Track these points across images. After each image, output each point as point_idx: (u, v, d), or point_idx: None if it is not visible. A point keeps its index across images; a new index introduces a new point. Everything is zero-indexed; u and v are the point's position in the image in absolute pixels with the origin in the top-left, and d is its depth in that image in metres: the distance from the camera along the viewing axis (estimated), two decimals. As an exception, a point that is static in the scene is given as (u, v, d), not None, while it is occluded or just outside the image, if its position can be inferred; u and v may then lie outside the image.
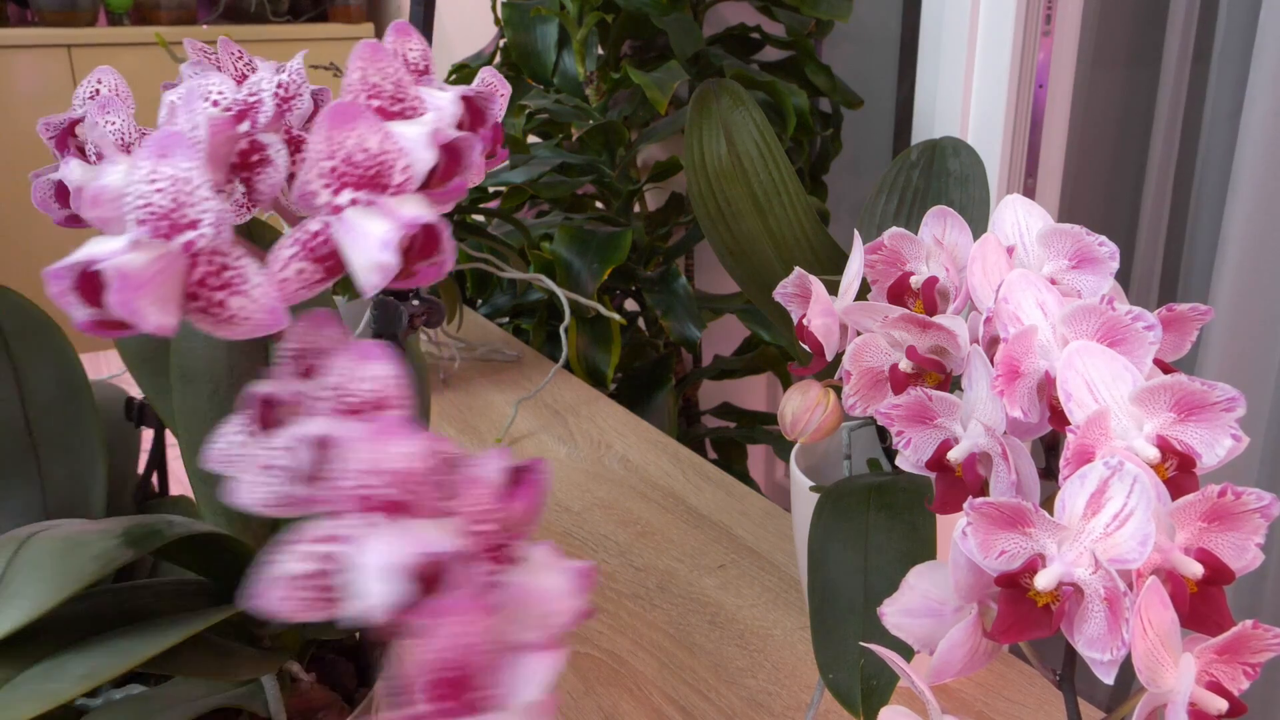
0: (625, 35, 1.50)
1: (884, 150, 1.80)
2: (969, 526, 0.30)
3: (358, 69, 0.28)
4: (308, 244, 0.26)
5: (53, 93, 2.16)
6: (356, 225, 0.26)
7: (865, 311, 0.43)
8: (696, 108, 0.67)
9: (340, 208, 0.26)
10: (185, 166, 0.24)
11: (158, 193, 0.24)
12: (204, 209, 0.24)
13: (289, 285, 0.26)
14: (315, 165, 0.26)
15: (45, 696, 0.29)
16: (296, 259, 0.26)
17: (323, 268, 0.26)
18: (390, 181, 0.26)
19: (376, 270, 0.25)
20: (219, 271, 0.25)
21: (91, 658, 0.31)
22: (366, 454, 0.23)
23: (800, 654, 0.66)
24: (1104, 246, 0.38)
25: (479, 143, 0.29)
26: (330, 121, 0.26)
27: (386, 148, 0.26)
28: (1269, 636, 0.29)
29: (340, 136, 0.26)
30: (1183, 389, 0.31)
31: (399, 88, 0.28)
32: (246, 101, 0.28)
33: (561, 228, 1.31)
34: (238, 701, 0.39)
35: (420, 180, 0.27)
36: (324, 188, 0.26)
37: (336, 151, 0.26)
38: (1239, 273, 1.12)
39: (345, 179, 0.26)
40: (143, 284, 0.23)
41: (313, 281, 0.27)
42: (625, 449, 0.94)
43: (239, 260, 0.25)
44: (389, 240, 0.25)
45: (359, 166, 0.26)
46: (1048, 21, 1.25)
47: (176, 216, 0.24)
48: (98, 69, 0.42)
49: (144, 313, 0.23)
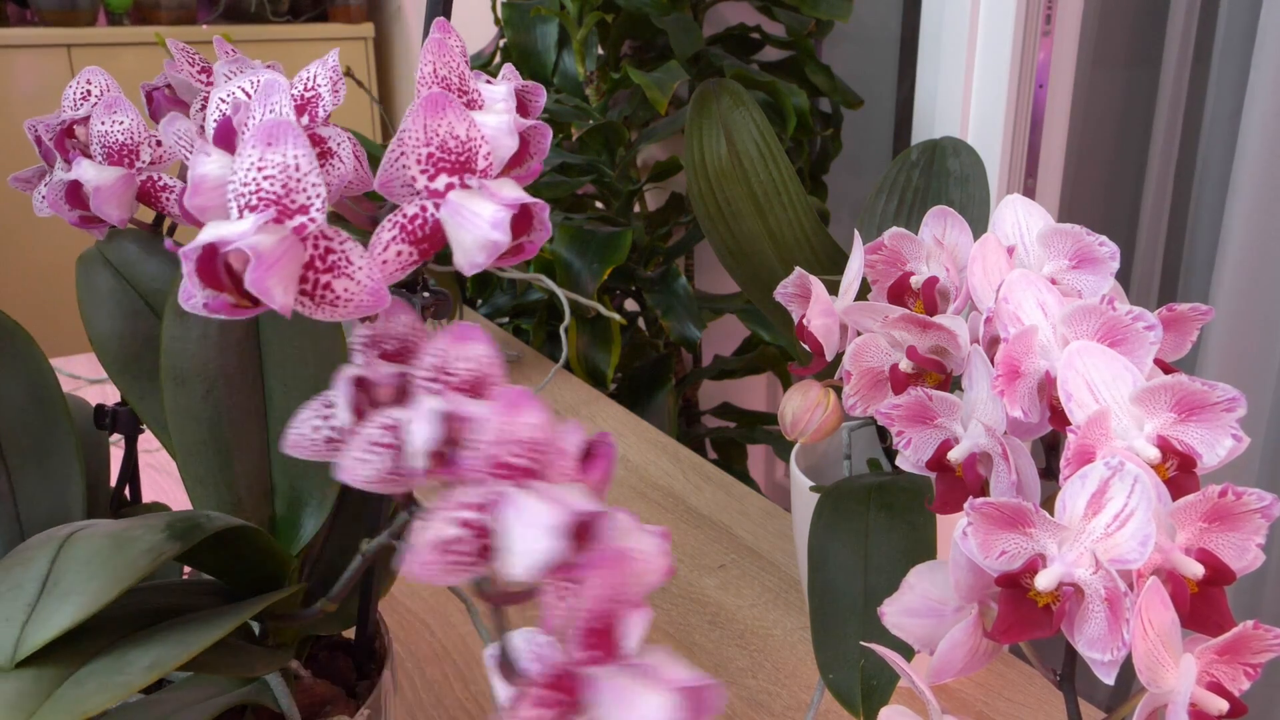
0: (625, 35, 1.50)
1: (884, 150, 1.80)
2: (969, 526, 0.30)
3: (429, 63, 0.29)
4: (406, 227, 0.28)
5: (52, 93, 2.16)
6: (465, 207, 0.27)
7: (865, 311, 0.43)
8: (696, 108, 0.67)
9: (439, 192, 0.27)
10: (294, 153, 0.25)
11: (267, 180, 0.25)
12: (314, 194, 0.26)
13: (389, 267, 0.27)
14: (414, 152, 0.27)
15: (116, 688, 0.30)
16: (396, 241, 0.28)
17: (418, 249, 0.28)
18: (476, 167, 0.28)
19: (486, 248, 0.27)
20: (325, 254, 0.26)
21: (152, 650, 0.32)
22: (500, 425, 0.25)
23: (800, 654, 0.66)
24: (1104, 246, 0.38)
25: (549, 130, 0.31)
26: (425, 110, 0.27)
27: (474, 135, 0.28)
28: (1269, 637, 0.29)
29: (435, 124, 0.27)
30: (1183, 389, 0.31)
31: (463, 80, 0.30)
32: (304, 96, 0.29)
33: (561, 228, 1.31)
34: (248, 699, 0.39)
35: (501, 166, 0.29)
36: (421, 173, 0.27)
37: (432, 139, 0.27)
38: (1239, 273, 1.12)
39: (441, 164, 0.27)
40: (273, 263, 0.24)
41: (410, 263, 0.28)
42: (625, 449, 0.94)
43: (344, 244, 0.26)
44: (500, 220, 0.27)
45: (451, 153, 0.27)
46: (1048, 21, 1.25)
47: (288, 201, 0.25)
48: (85, 69, 0.42)
49: (273, 292, 0.24)
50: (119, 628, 0.33)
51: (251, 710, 0.41)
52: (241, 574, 0.39)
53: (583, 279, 1.25)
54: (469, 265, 0.27)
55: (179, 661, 0.31)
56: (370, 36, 2.55)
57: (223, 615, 0.35)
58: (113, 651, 0.32)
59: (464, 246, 0.27)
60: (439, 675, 0.64)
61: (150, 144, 0.41)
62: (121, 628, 0.33)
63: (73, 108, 0.42)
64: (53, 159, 0.42)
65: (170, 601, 0.36)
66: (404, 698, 0.62)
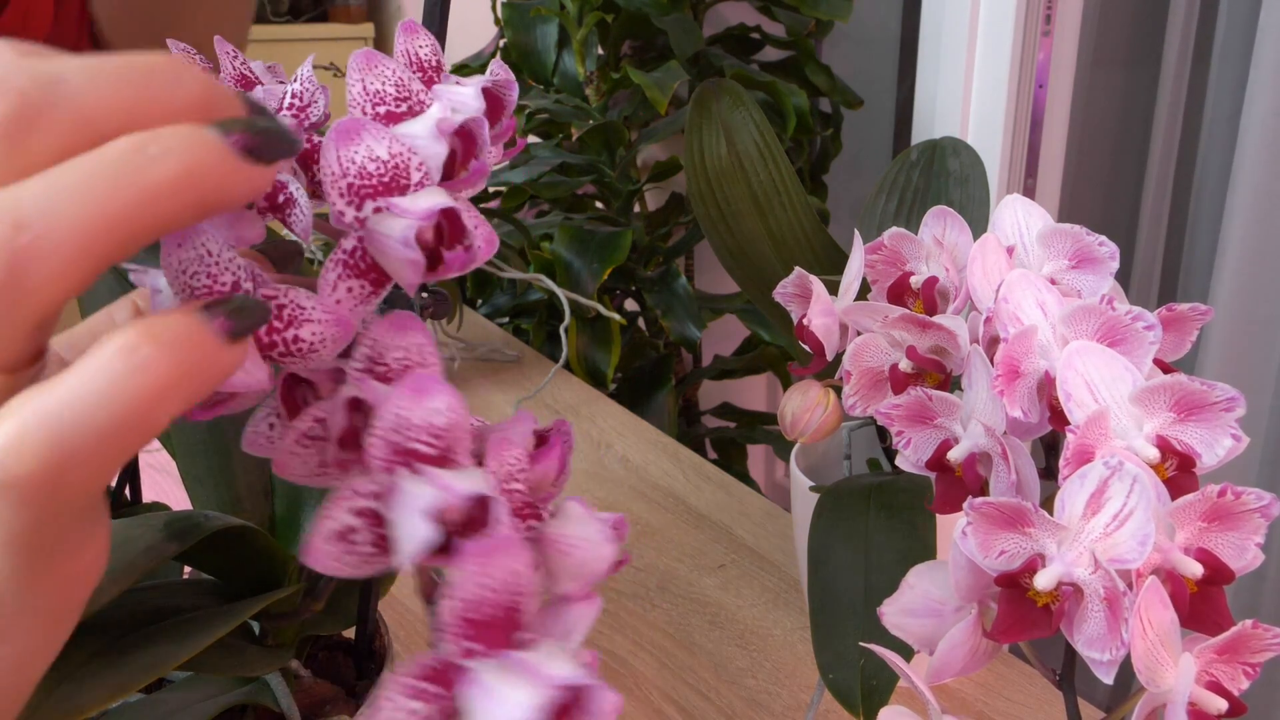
0: (625, 35, 1.50)
1: (884, 150, 1.80)
2: (969, 526, 0.30)
3: (357, 81, 0.28)
4: (347, 262, 0.27)
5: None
6: (378, 231, 0.26)
7: (865, 311, 0.43)
8: (696, 108, 0.67)
9: (365, 220, 0.27)
10: (200, 244, 0.25)
11: (192, 278, 0.25)
12: (234, 269, 0.25)
13: (344, 305, 0.27)
14: (334, 187, 0.26)
15: (114, 687, 0.30)
16: (343, 279, 0.27)
17: (368, 280, 0.27)
18: (410, 181, 0.27)
19: (409, 267, 0.26)
20: (277, 313, 0.26)
21: (151, 649, 0.32)
22: (397, 410, 0.24)
23: (800, 654, 0.66)
24: (1104, 246, 0.38)
25: (485, 122, 0.30)
26: (336, 142, 0.26)
27: (396, 150, 0.27)
28: (1269, 636, 0.29)
29: (349, 153, 0.26)
30: (1182, 389, 0.31)
31: (400, 87, 0.29)
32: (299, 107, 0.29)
33: (561, 228, 1.31)
34: (248, 699, 0.39)
35: (439, 173, 0.28)
36: (347, 205, 0.26)
37: (349, 169, 0.26)
38: (1239, 273, 1.12)
39: (364, 191, 0.26)
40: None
41: (365, 296, 0.27)
42: (625, 449, 0.94)
43: (287, 295, 0.26)
44: (407, 236, 0.26)
45: (374, 176, 0.26)
46: (1048, 21, 1.25)
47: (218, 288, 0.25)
48: None
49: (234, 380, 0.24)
50: (118, 627, 0.33)
51: (251, 710, 0.41)
52: (241, 573, 0.39)
53: (583, 279, 1.25)
54: (405, 286, 0.26)
55: (178, 661, 0.31)
56: (370, 37, 2.55)
57: (222, 615, 0.35)
58: (112, 651, 0.32)
59: (392, 271, 0.26)
60: (439, 675, 0.64)
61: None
62: (120, 627, 0.33)
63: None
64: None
65: (169, 601, 0.36)
66: (404, 698, 0.62)
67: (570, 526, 0.27)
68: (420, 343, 0.27)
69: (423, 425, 0.24)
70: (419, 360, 0.27)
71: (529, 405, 1.04)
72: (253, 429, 0.29)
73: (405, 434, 0.24)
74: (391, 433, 0.24)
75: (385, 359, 0.27)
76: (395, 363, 0.27)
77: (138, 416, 0.20)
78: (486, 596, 0.23)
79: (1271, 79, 1.06)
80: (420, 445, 0.24)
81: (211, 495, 0.41)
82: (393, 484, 0.24)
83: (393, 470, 0.24)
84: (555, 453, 0.28)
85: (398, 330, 0.27)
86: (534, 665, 0.22)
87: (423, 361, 0.27)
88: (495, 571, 0.23)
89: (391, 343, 0.27)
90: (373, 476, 0.25)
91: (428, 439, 0.24)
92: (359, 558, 0.24)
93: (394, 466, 0.24)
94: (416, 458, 0.24)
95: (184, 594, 0.38)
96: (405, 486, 0.24)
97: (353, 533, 0.24)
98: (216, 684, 0.40)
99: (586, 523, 0.27)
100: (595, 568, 0.26)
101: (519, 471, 0.27)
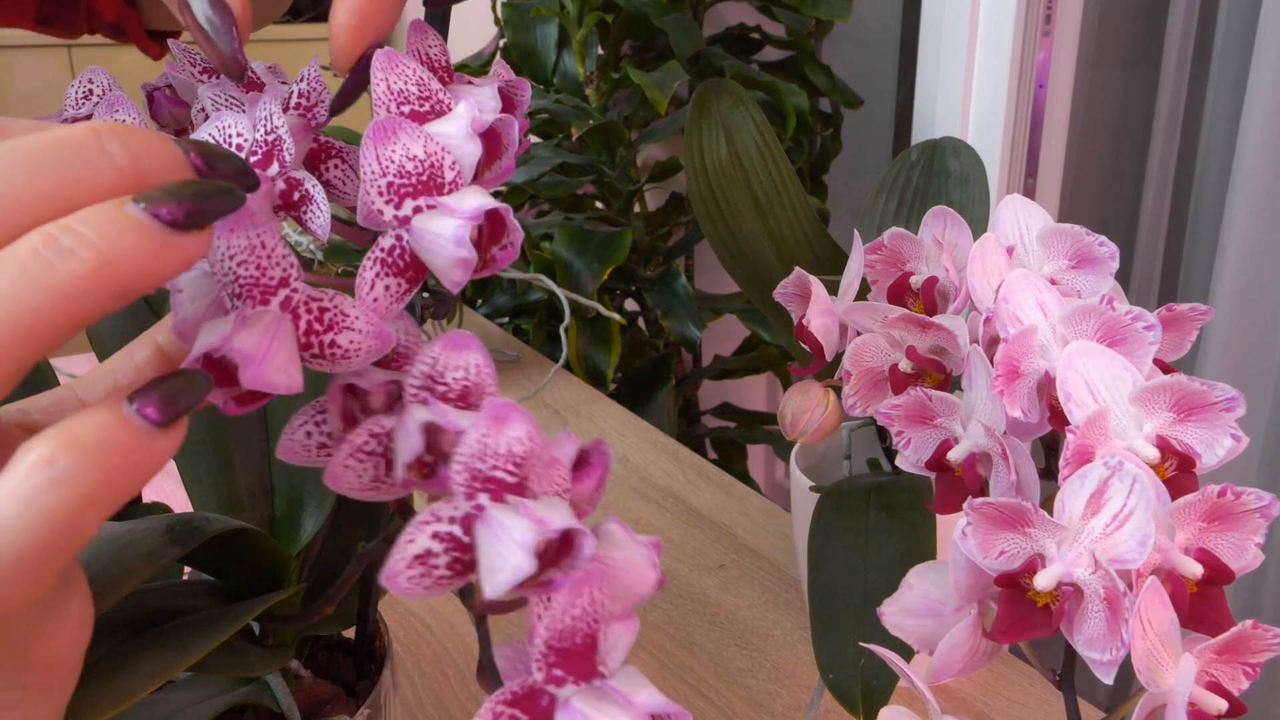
0: (625, 35, 1.50)
1: (884, 150, 1.80)
2: (969, 526, 0.30)
3: (381, 80, 0.29)
4: (385, 260, 0.27)
5: (53, 93, 2.16)
6: (428, 231, 0.27)
7: (865, 311, 0.43)
8: (696, 108, 0.67)
9: (408, 219, 0.27)
10: (256, 234, 0.25)
11: (240, 266, 0.25)
12: (286, 265, 0.25)
13: (381, 304, 0.27)
14: (373, 185, 0.27)
15: (118, 695, 0.30)
16: (380, 277, 0.27)
17: (405, 279, 0.27)
18: (444, 180, 0.27)
19: (459, 266, 0.26)
20: (320, 315, 0.26)
21: (153, 656, 0.32)
22: (481, 438, 0.25)
23: (800, 654, 0.66)
24: (1104, 246, 0.38)
25: (514, 122, 0.30)
26: (375, 141, 0.27)
27: (431, 150, 0.27)
28: (1269, 636, 0.29)
29: (387, 152, 0.27)
30: (1182, 389, 0.31)
31: (422, 87, 0.29)
32: (268, 141, 0.29)
33: (561, 228, 1.31)
34: (249, 699, 0.39)
35: (472, 172, 0.28)
36: (386, 204, 0.27)
37: (388, 167, 0.27)
38: (1239, 273, 1.12)
39: (403, 190, 0.27)
40: (263, 357, 0.24)
41: (400, 294, 0.28)
42: (625, 449, 0.94)
43: (334, 301, 0.26)
44: (461, 235, 0.26)
45: (412, 175, 0.27)
46: (1048, 21, 1.25)
47: (266, 281, 0.25)
48: (88, 69, 0.42)
49: (274, 380, 0.24)
50: (119, 632, 0.33)
51: (251, 710, 0.41)
52: (242, 575, 0.39)
53: (583, 279, 1.25)
54: (451, 285, 0.27)
55: (181, 668, 0.31)
56: (370, 37, 2.55)
57: (223, 618, 0.35)
58: (114, 657, 0.31)
59: (439, 269, 0.27)
60: (439, 675, 0.64)
61: (150, 144, 0.41)
62: (122, 632, 0.33)
63: (74, 106, 0.42)
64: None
65: (171, 603, 0.36)
66: (404, 698, 0.62)
67: (614, 549, 0.27)
68: (479, 362, 0.27)
69: (505, 454, 0.25)
70: (477, 380, 0.27)
71: (529, 405, 1.04)
72: (289, 436, 0.29)
73: (488, 461, 0.25)
74: (475, 460, 0.25)
75: (445, 378, 0.27)
76: (455, 382, 0.27)
77: (61, 532, 0.19)
78: (575, 626, 0.24)
79: (1271, 79, 1.06)
80: (502, 473, 0.25)
81: (212, 496, 0.41)
82: (479, 511, 0.25)
83: (474, 496, 0.25)
84: (596, 473, 0.29)
85: (457, 349, 0.27)
86: (625, 694, 0.23)
87: (482, 382, 0.27)
88: (583, 602, 0.24)
89: (451, 362, 0.27)
90: (453, 502, 0.25)
91: (510, 467, 0.25)
92: (436, 580, 0.25)
93: (475, 493, 0.25)
94: (499, 485, 0.25)
95: (185, 596, 0.37)
96: (499, 517, 0.24)
97: (433, 556, 0.24)
98: (217, 684, 0.40)
99: (629, 546, 0.27)
100: (639, 591, 0.27)
101: (564, 491, 0.27)
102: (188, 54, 0.37)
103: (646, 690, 0.24)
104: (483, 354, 0.27)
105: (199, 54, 0.33)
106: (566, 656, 0.24)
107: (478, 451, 0.25)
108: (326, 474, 0.27)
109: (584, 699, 0.23)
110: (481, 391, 0.27)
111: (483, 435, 0.25)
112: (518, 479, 0.25)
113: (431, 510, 0.25)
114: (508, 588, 0.23)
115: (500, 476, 0.25)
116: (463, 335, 0.27)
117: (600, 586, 0.24)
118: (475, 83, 0.31)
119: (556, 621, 0.24)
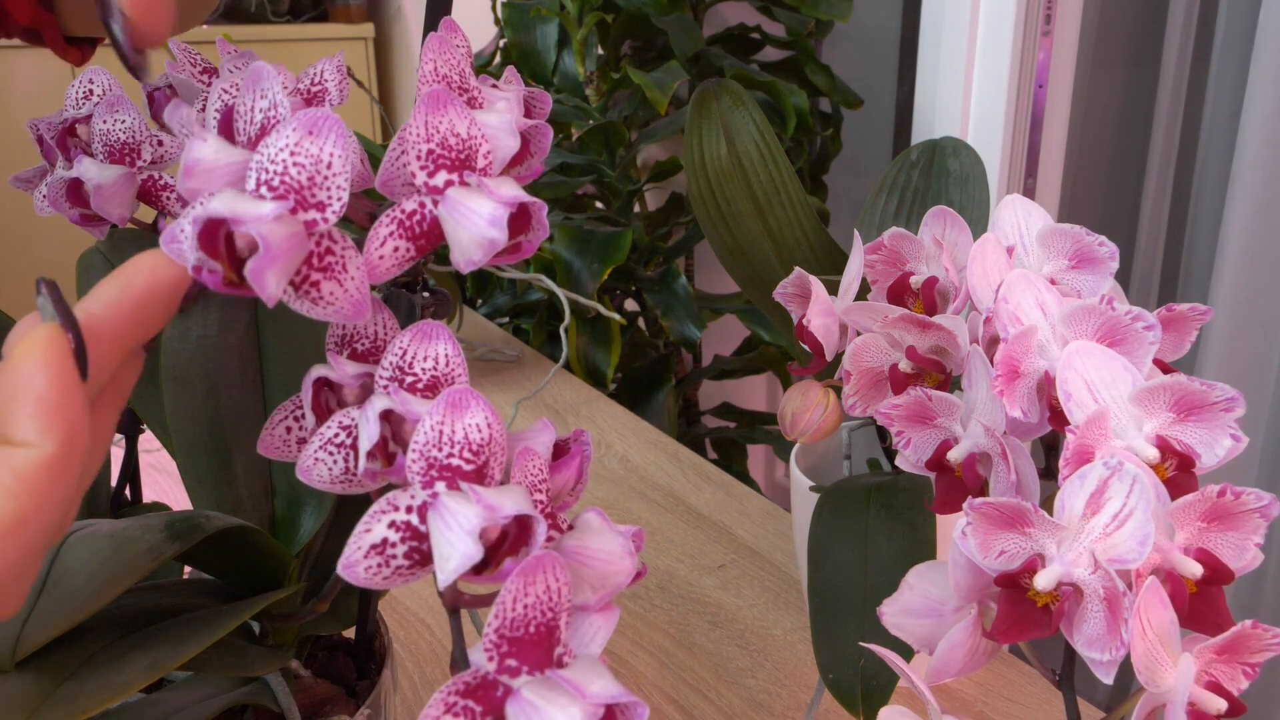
0: (625, 35, 1.50)
1: (884, 150, 1.80)
2: (969, 526, 0.30)
3: (430, 61, 0.29)
4: (404, 222, 0.27)
5: (53, 93, 2.16)
6: (463, 204, 0.27)
7: (865, 311, 0.43)
8: (696, 108, 0.67)
9: (438, 188, 0.27)
10: (330, 150, 0.25)
11: (297, 166, 0.25)
12: (336, 195, 0.25)
13: (385, 262, 0.27)
14: (415, 148, 0.27)
15: (115, 687, 0.30)
16: (393, 236, 0.27)
17: (415, 245, 0.28)
18: (476, 165, 0.28)
19: (483, 245, 0.26)
20: (324, 254, 0.26)
21: (152, 649, 0.32)
22: (437, 425, 0.24)
23: (800, 654, 0.66)
24: (1104, 246, 0.38)
25: (550, 130, 0.31)
26: (428, 107, 0.27)
27: (474, 133, 0.27)
28: (1268, 636, 0.29)
29: (436, 121, 0.27)
30: (1182, 389, 0.31)
31: (464, 78, 0.30)
32: (311, 90, 0.29)
33: (561, 228, 1.31)
34: (248, 699, 0.39)
35: (502, 165, 0.28)
36: (420, 169, 0.27)
37: (433, 135, 0.27)
38: (1239, 273, 1.12)
39: (440, 161, 0.27)
40: (278, 256, 0.24)
41: (406, 259, 0.28)
42: (625, 449, 0.94)
43: (344, 249, 0.26)
44: (497, 217, 0.26)
45: (451, 150, 0.27)
46: (1048, 21, 1.25)
47: (308, 194, 0.25)
48: (88, 69, 0.42)
49: (267, 282, 0.24)
50: (119, 627, 0.33)
51: (251, 710, 0.41)
52: (241, 574, 0.39)
53: (583, 279, 1.25)
54: (465, 263, 0.27)
55: (179, 661, 0.31)
56: (370, 37, 2.55)
57: (222, 615, 0.35)
58: (112, 651, 0.32)
59: (461, 244, 0.27)
60: (439, 675, 0.64)
61: (151, 143, 0.42)
62: (121, 627, 0.33)
63: (75, 106, 0.42)
64: (54, 158, 0.42)
65: (170, 601, 0.36)
66: (404, 698, 0.62)
67: (591, 539, 0.26)
68: (448, 352, 0.27)
69: (461, 441, 0.24)
70: (447, 371, 0.27)
71: (529, 405, 1.04)
72: (270, 432, 0.29)
73: (444, 449, 0.24)
74: (430, 447, 0.24)
75: (414, 368, 0.27)
76: (424, 373, 0.27)
77: None
78: (529, 615, 0.23)
79: (1271, 79, 1.06)
80: (459, 461, 0.24)
81: (212, 495, 0.41)
82: (433, 499, 0.24)
83: (431, 485, 0.24)
84: (575, 463, 0.28)
85: (426, 339, 0.27)
86: (577, 683, 0.23)
87: (451, 372, 0.27)
88: (537, 590, 0.23)
89: (420, 352, 0.27)
90: (410, 490, 0.24)
91: (467, 455, 0.25)
92: (394, 571, 0.24)
93: (432, 481, 0.24)
94: (455, 473, 0.24)
95: (184, 594, 0.38)
96: (449, 504, 0.24)
97: (390, 546, 0.24)
98: (216, 684, 0.40)
99: (606, 535, 0.27)
100: (616, 580, 0.26)
101: (540, 482, 0.27)
102: (188, 54, 0.37)
103: (601, 680, 0.23)
104: (453, 344, 0.27)
105: (199, 54, 0.34)
106: (520, 646, 0.23)
107: (433, 439, 0.24)
108: (298, 467, 0.27)
109: (534, 689, 0.23)
110: (451, 382, 0.27)
111: (438, 422, 0.24)
112: (475, 466, 0.25)
113: (388, 499, 0.25)
114: (457, 575, 0.23)
115: (457, 464, 0.24)
116: (433, 325, 0.27)
117: (558, 574, 0.23)
118: (500, 86, 0.32)
119: (507, 610, 0.23)
